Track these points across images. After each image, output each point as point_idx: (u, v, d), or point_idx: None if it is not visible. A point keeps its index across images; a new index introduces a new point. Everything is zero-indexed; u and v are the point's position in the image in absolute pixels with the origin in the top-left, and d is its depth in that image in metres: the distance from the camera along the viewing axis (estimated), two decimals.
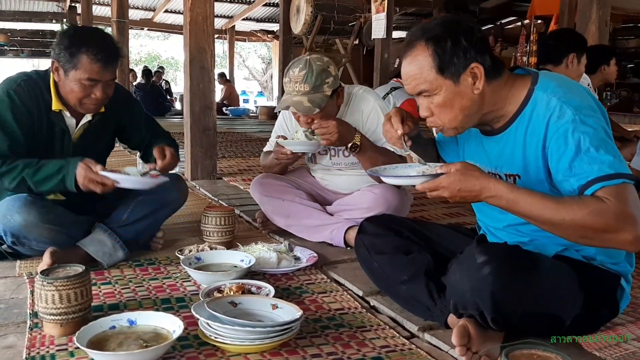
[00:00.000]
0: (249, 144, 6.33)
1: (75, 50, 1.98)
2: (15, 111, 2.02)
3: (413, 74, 1.47)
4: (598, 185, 1.32)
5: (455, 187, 1.38)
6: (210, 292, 1.74)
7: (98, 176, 1.95)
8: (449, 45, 1.42)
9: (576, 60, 3.05)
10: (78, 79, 2.01)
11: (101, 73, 2.02)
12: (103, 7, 12.59)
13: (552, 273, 1.42)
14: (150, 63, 23.32)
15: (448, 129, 1.52)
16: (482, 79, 1.44)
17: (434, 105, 1.48)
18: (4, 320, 1.67)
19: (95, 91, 2.04)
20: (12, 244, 2.06)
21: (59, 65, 2.03)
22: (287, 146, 2.35)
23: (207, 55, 3.80)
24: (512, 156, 1.51)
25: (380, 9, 6.25)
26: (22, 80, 2.08)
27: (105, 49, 2.02)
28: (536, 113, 1.44)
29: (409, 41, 1.49)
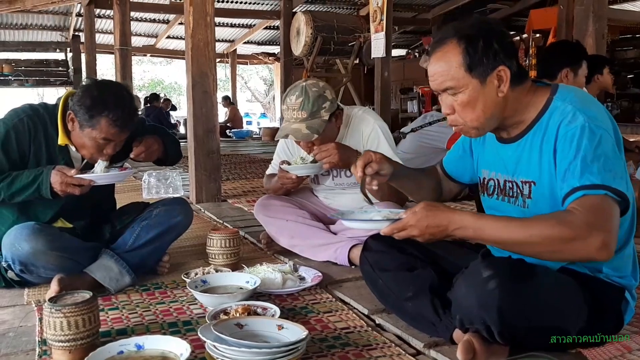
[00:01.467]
0: (252, 165, 6.37)
1: (95, 113, 2.02)
2: (6, 145, 2.07)
3: (441, 70, 1.49)
4: (580, 193, 1.35)
5: (423, 224, 1.42)
6: (216, 314, 1.75)
7: (74, 179, 2.02)
8: (481, 45, 1.44)
9: (571, 74, 3.01)
10: (93, 138, 2.05)
11: (117, 135, 2.07)
12: (106, 35, 12.77)
13: (557, 286, 1.43)
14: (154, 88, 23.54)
15: (469, 129, 1.54)
16: (507, 83, 1.46)
17: (458, 103, 1.49)
18: (13, 349, 1.68)
19: (108, 148, 2.09)
20: (20, 271, 2.08)
21: (76, 118, 2.06)
22: (291, 171, 2.38)
23: (209, 80, 3.86)
24: (529, 163, 1.53)
25: (379, 29, 6.32)
26: (26, 116, 2.11)
27: (125, 114, 2.05)
28: (552, 120, 1.47)
29: (439, 38, 1.51)
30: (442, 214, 1.41)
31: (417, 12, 11.08)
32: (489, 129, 1.56)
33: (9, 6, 9.47)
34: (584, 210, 1.32)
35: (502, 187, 1.63)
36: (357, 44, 8.55)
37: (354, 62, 8.98)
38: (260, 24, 12.78)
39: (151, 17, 12.37)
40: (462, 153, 1.84)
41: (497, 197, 1.66)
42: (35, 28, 12.83)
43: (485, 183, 1.71)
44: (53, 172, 2.02)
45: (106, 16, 11.47)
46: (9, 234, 2.04)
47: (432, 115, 4.21)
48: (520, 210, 1.57)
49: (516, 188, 1.58)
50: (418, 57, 11.47)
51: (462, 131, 1.56)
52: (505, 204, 1.62)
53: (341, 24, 8.45)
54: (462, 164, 1.85)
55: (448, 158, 1.92)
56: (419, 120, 4.24)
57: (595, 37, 4.07)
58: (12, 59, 13.51)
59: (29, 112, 2.13)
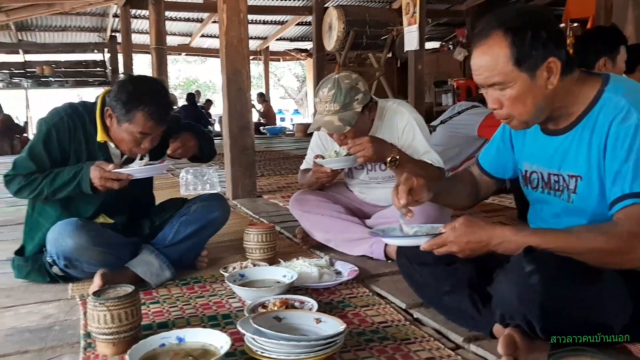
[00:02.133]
0: (286, 161, 6.40)
1: (131, 107, 2.06)
2: (48, 144, 2.14)
3: (487, 65, 1.42)
4: (629, 201, 1.33)
5: (464, 240, 1.41)
6: (254, 307, 1.77)
7: (112, 174, 2.06)
8: (529, 36, 1.37)
9: (610, 63, 2.86)
10: (131, 132, 2.10)
11: (154, 129, 2.11)
12: (142, 35, 12.99)
13: (601, 281, 1.39)
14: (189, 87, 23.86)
15: (518, 123, 1.49)
16: (557, 74, 1.40)
17: (506, 98, 1.44)
18: (59, 342, 1.73)
19: (145, 142, 2.13)
20: (64, 267, 2.14)
21: (113, 114, 2.11)
22: (325, 165, 2.37)
23: (243, 77, 3.89)
24: (577, 157, 1.48)
25: (412, 21, 6.25)
26: (66, 115, 2.17)
27: (160, 107, 2.10)
28: (603, 113, 1.41)
29: (482, 30, 1.44)
30: (482, 230, 1.40)
31: (451, 4, 10.93)
32: (538, 121, 1.51)
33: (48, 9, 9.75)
34: (631, 221, 1.31)
35: (547, 180, 1.59)
36: (390, 37, 8.48)
37: (387, 56, 8.91)
38: (292, 20, 12.82)
39: (185, 16, 12.54)
40: (502, 147, 1.79)
41: (542, 190, 1.61)
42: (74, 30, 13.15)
43: (529, 176, 1.67)
44: (92, 168, 2.08)
45: (142, 16, 11.68)
46: (53, 230, 2.10)
47: (460, 105, 4.16)
48: (565, 204, 1.53)
49: (562, 182, 1.53)
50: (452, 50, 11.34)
51: (511, 125, 1.51)
52: (551, 197, 1.58)
53: (373, 18, 8.39)
54: (502, 158, 1.80)
55: (485, 155, 1.87)
56: (447, 112, 4.19)
57: (635, 25, 3.94)
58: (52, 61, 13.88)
59: (68, 111, 2.18)
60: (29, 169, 2.13)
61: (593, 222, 1.45)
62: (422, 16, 6.13)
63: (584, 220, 1.48)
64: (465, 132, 3.88)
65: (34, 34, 13.12)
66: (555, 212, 1.57)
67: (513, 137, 1.75)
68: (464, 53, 10.37)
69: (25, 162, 2.13)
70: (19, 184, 2.13)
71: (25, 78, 13.56)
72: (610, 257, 1.33)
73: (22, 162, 2.15)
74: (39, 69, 13.64)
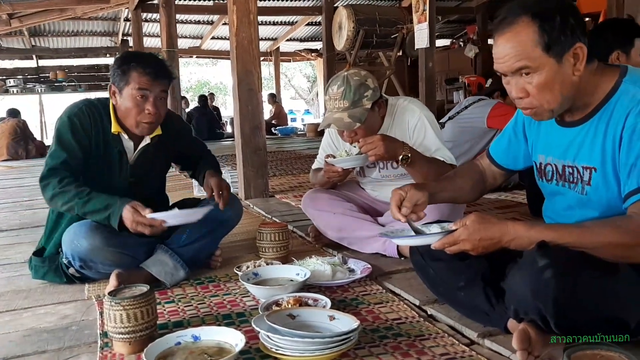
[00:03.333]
0: (298, 161, 6.41)
1: (126, 67, 2.14)
2: (75, 131, 2.17)
3: (513, 51, 1.39)
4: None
5: (476, 238, 1.40)
6: (268, 305, 1.78)
7: (146, 219, 2.03)
8: (558, 21, 1.35)
9: (623, 56, 2.81)
10: (131, 95, 2.14)
11: (151, 84, 2.14)
12: (153, 38, 13.07)
13: (615, 275, 1.38)
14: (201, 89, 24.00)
15: (544, 111, 1.46)
16: (583, 61, 1.39)
17: (533, 85, 1.41)
18: (77, 341, 1.75)
19: (147, 105, 2.15)
20: (80, 267, 2.17)
21: (115, 87, 2.18)
22: (336, 164, 2.37)
23: (254, 78, 3.90)
24: (592, 148, 1.46)
25: (422, 19, 6.23)
26: (84, 105, 2.23)
27: (154, 64, 2.17)
28: (620, 105, 1.40)
29: (505, 17, 1.41)
30: (494, 226, 1.39)
31: (461, 1, 10.90)
32: (562, 110, 1.49)
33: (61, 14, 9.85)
34: None
35: (562, 172, 1.57)
36: (400, 35, 8.45)
37: (397, 54, 8.88)
38: (302, 20, 12.83)
39: (196, 19, 12.60)
40: (514, 139, 1.78)
41: (556, 182, 1.60)
42: (86, 34, 13.26)
43: (543, 168, 1.65)
44: (126, 208, 2.03)
45: (153, 20, 11.75)
46: (68, 232, 2.13)
47: (467, 100, 4.18)
48: (579, 197, 1.52)
49: (577, 174, 1.52)
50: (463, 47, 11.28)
51: (535, 115, 1.49)
52: (565, 189, 1.57)
53: (383, 17, 8.37)
54: (514, 150, 1.79)
55: (495, 147, 1.86)
56: (455, 107, 4.21)
57: None
58: (65, 66, 14.03)
59: (86, 103, 2.26)
60: (61, 158, 2.14)
61: (606, 215, 1.44)
62: (432, 14, 6.10)
63: (597, 213, 1.48)
64: (474, 126, 3.89)
65: (47, 40, 13.26)
66: (569, 205, 1.56)
67: (527, 129, 1.73)
68: (475, 50, 10.32)
69: (57, 152, 2.16)
70: (54, 189, 2.10)
71: (38, 83, 13.72)
72: (625, 251, 1.32)
73: (53, 153, 2.17)
74: (52, 74, 13.79)
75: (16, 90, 13.49)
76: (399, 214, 1.64)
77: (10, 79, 13.62)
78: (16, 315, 2.01)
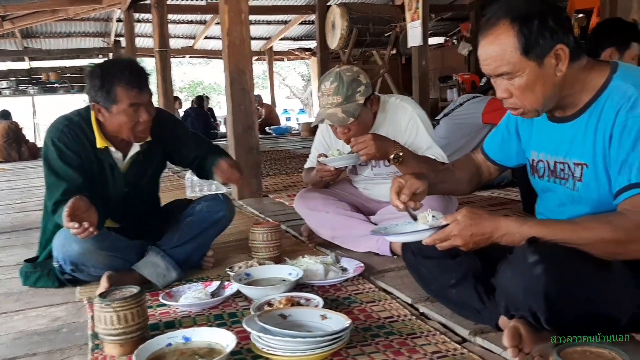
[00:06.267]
0: (292, 160, 6.40)
1: (108, 86, 2.07)
2: (64, 157, 2.12)
3: (494, 55, 1.41)
4: (636, 190, 1.32)
5: (467, 233, 1.40)
6: (260, 306, 1.77)
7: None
8: (536, 25, 1.36)
9: (616, 54, 2.80)
10: (122, 110, 2.09)
11: (139, 96, 2.10)
12: (145, 38, 13.03)
13: (606, 271, 1.38)
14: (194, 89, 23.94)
15: (528, 111, 1.48)
16: (566, 61, 1.39)
17: (515, 87, 1.43)
18: (68, 343, 1.75)
19: (141, 114, 2.12)
20: (71, 271, 2.15)
21: (100, 106, 2.11)
22: (329, 163, 2.38)
23: (246, 77, 3.90)
24: (583, 144, 1.47)
25: (415, 17, 6.24)
26: (64, 127, 2.17)
27: (135, 73, 2.11)
28: (610, 101, 1.40)
29: (489, 19, 1.43)
30: (486, 221, 1.39)
31: None
32: (549, 109, 1.50)
33: (53, 15, 9.81)
34: (636, 212, 1.30)
35: (553, 168, 1.58)
36: (394, 34, 8.45)
37: (391, 52, 8.88)
38: (295, 19, 12.81)
39: (188, 19, 12.56)
40: (507, 136, 1.78)
41: (547, 179, 1.61)
42: (78, 35, 13.21)
43: (535, 165, 1.66)
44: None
45: (145, 20, 11.71)
46: (59, 235, 2.11)
47: (462, 98, 4.21)
48: (570, 193, 1.52)
49: (567, 170, 1.53)
50: (456, 44, 11.29)
51: (521, 114, 1.50)
52: (556, 186, 1.58)
53: (376, 15, 8.36)
54: (507, 147, 1.80)
55: (489, 143, 1.87)
56: (450, 105, 4.23)
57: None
58: (57, 67, 13.98)
59: (65, 123, 2.18)
60: (61, 188, 2.08)
61: (598, 211, 1.44)
62: (424, 11, 6.11)
63: (589, 209, 1.48)
64: (470, 122, 3.91)
65: (39, 41, 13.19)
66: (561, 201, 1.57)
67: (519, 126, 1.74)
68: (469, 47, 10.33)
69: (55, 184, 2.11)
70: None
71: (31, 85, 13.67)
72: (616, 248, 1.32)
73: (52, 184, 2.12)
74: (44, 75, 13.74)
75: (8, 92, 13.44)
76: (398, 200, 1.65)
77: (3, 81, 13.58)
78: (7, 317, 2.00)
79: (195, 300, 1.91)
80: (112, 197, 2.25)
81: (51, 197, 2.11)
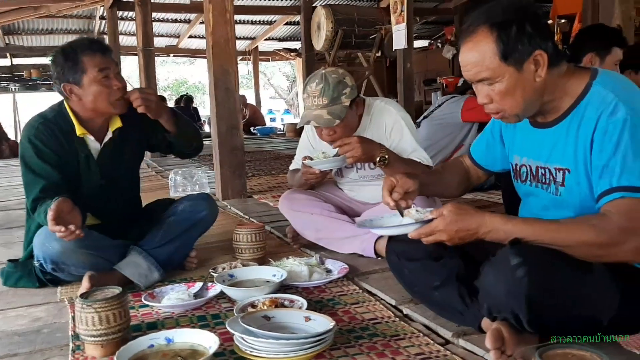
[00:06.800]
0: (277, 161, 6.38)
1: (73, 57, 2.09)
2: (40, 154, 2.11)
3: (474, 61, 1.43)
4: (617, 194, 1.33)
5: (453, 229, 1.41)
6: (244, 307, 1.77)
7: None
8: (514, 31, 1.38)
9: (597, 59, 2.82)
10: (93, 78, 2.10)
11: (105, 60, 2.12)
12: (129, 36, 12.91)
13: (588, 274, 1.39)
14: (178, 89, 23.76)
15: (509, 116, 1.50)
16: (544, 67, 1.41)
17: (495, 93, 1.45)
18: (48, 344, 1.73)
19: (114, 82, 2.13)
20: (52, 270, 2.13)
21: (70, 84, 2.12)
22: (314, 166, 2.37)
23: (231, 77, 3.88)
24: (564, 150, 1.49)
25: (400, 20, 6.26)
26: (39, 124, 2.16)
27: (96, 42, 2.15)
28: (591, 106, 1.42)
29: (469, 26, 1.45)
30: (472, 217, 1.40)
31: (439, 2, 10.94)
32: (530, 114, 1.52)
33: (35, 12, 9.67)
34: (619, 214, 1.31)
35: (535, 173, 1.60)
36: (379, 36, 8.48)
37: (376, 55, 8.91)
38: (280, 20, 12.78)
39: (173, 17, 12.46)
40: (492, 141, 1.81)
41: (530, 183, 1.63)
42: (61, 33, 13.03)
43: (518, 169, 1.68)
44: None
45: (129, 18, 11.60)
46: (39, 234, 2.09)
47: (441, 99, 4.33)
48: (553, 197, 1.54)
49: (549, 175, 1.55)
50: (441, 48, 11.34)
51: (503, 118, 1.52)
52: (538, 190, 1.60)
53: (362, 17, 8.38)
54: (492, 152, 1.82)
55: (476, 147, 1.90)
56: (430, 107, 4.31)
57: (622, 20, 3.96)
58: (39, 64, 13.76)
59: (40, 121, 2.18)
60: (39, 186, 2.07)
61: (581, 215, 1.46)
62: (410, 14, 6.14)
63: (572, 214, 1.49)
64: (450, 122, 4.04)
65: (21, 38, 13.00)
66: (544, 205, 1.58)
67: (503, 131, 1.76)
68: (453, 51, 10.38)
69: (33, 181, 2.09)
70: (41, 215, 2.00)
71: (12, 82, 13.46)
72: (599, 250, 1.34)
73: (30, 182, 2.11)
74: (26, 72, 13.53)
75: None
76: (389, 198, 1.65)
77: None
78: None
79: (178, 301, 1.90)
80: (89, 189, 2.22)
81: (29, 195, 2.10)
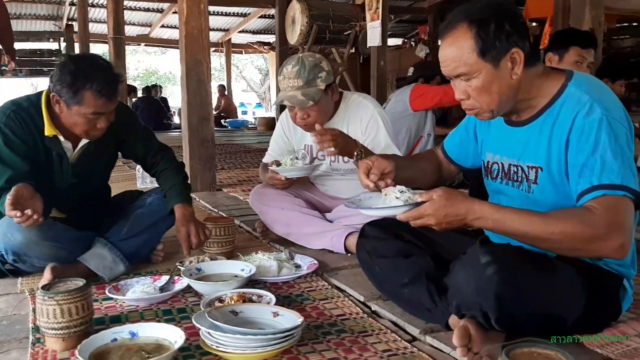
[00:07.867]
0: (248, 154, 6.34)
1: (78, 88, 1.97)
2: (10, 143, 2.02)
3: (452, 56, 1.45)
4: (600, 192, 1.34)
5: (441, 213, 1.39)
6: (211, 302, 1.74)
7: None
8: (492, 28, 1.40)
9: (555, 58, 2.89)
10: (83, 114, 2.00)
11: (106, 106, 2.02)
12: (99, 24, 12.66)
13: (555, 273, 1.41)
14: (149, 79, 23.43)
15: (484, 112, 1.51)
16: (521, 65, 1.43)
17: (472, 89, 1.47)
18: (7, 337, 1.68)
19: (100, 122, 2.04)
20: (13, 261, 2.06)
21: (61, 99, 2.01)
22: (281, 173, 2.38)
23: (203, 68, 3.83)
24: (537, 148, 1.51)
25: (375, 17, 6.27)
26: (12, 112, 2.06)
27: (108, 82, 2.00)
28: (566, 107, 1.45)
29: (449, 22, 1.47)
30: (461, 203, 1.39)
31: (413, 1, 11.01)
32: (504, 112, 1.53)
33: None
34: (604, 210, 1.32)
35: (507, 171, 1.62)
36: (353, 33, 8.48)
37: (350, 51, 8.91)
38: (255, 12, 12.69)
39: (145, 6, 12.26)
40: (465, 137, 1.82)
41: (500, 180, 1.64)
42: (29, 18, 12.71)
43: (490, 166, 1.70)
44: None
45: (100, 5, 11.38)
46: (1, 224, 2.01)
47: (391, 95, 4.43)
48: (525, 195, 1.56)
49: (521, 172, 1.56)
50: (414, 46, 11.42)
51: (477, 115, 1.53)
52: (509, 188, 1.61)
53: (337, 13, 8.37)
54: (465, 148, 1.84)
55: (449, 142, 1.91)
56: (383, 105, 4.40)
57: (592, 25, 4.03)
58: None
59: (13, 108, 2.08)
60: (7, 174, 1.99)
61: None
62: (384, 12, 6.16)
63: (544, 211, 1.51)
64: (401, 113, 4.11)
65: None
66: (515, 203, 1.59)
67: (477, 128, 1.78)
68: (426, 50, 10.45)
69: (0, 170, 2.01)
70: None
71: None
72: (582, 244, 1.33)
73: None
74: None
75: None
76: (367, 180, 1.62)
77: None
78: None
79: (143, 295, 1.87)
80: (59, 187, 2.16)
81: None
